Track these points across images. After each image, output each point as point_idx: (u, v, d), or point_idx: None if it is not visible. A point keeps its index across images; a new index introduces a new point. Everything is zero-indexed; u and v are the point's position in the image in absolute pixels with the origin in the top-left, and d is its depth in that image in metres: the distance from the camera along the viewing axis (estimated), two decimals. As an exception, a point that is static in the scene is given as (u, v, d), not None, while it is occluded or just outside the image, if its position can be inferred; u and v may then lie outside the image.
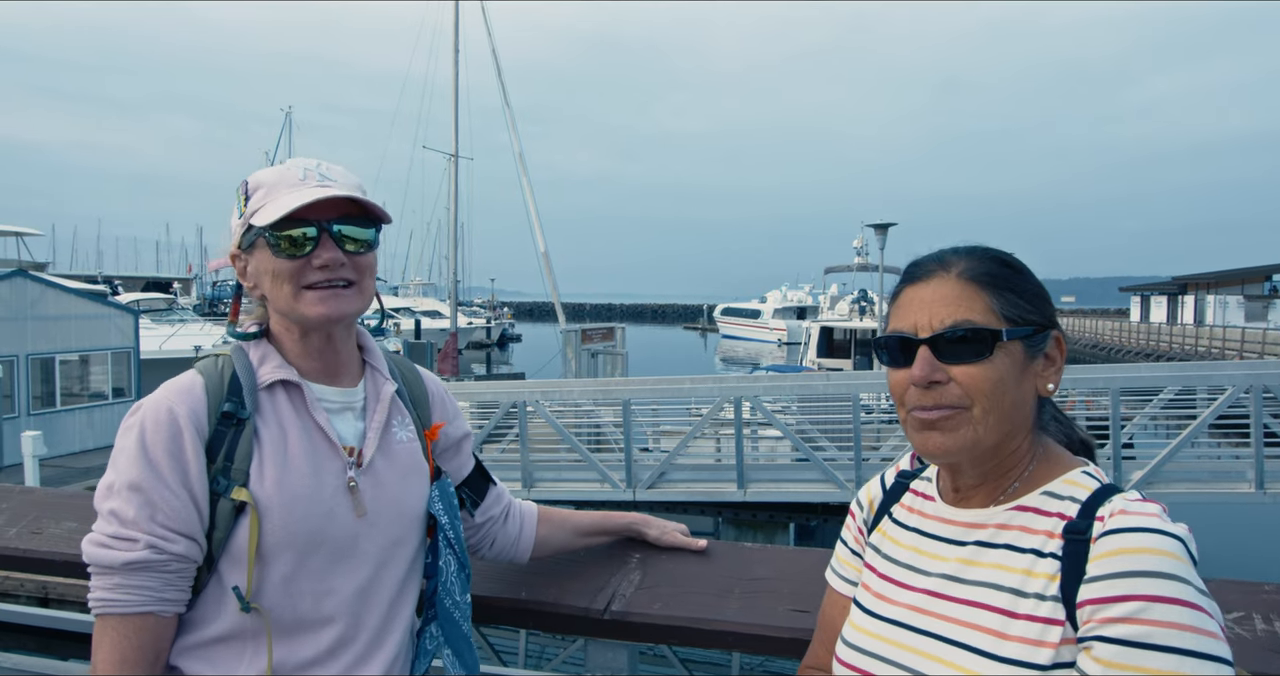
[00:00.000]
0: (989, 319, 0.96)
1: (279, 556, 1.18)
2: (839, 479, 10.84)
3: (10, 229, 31.70)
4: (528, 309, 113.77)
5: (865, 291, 29.00)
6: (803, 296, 60.58)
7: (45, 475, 12.02)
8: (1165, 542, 0.84)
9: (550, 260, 25.66)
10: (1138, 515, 0.87)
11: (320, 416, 1.25)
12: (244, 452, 1.18)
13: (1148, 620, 0.81)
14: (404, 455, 1.33)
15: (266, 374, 1.24)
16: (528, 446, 11.52)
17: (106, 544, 1.14)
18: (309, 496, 1.20)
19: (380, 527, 1.26)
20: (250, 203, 1.25)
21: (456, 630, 1.36)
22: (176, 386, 1.21)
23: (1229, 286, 41.33)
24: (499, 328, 57.85)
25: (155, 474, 1.14)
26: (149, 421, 1.16)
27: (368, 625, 1.25)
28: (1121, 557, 0.84)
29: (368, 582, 1.25)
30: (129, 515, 1.13)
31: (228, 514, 1.17)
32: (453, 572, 1.37)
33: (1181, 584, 0.82)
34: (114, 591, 1.13)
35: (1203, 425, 10.02)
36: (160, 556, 1.13)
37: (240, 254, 1.27)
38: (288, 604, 1.19)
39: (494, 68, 27.13)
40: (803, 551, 1.62)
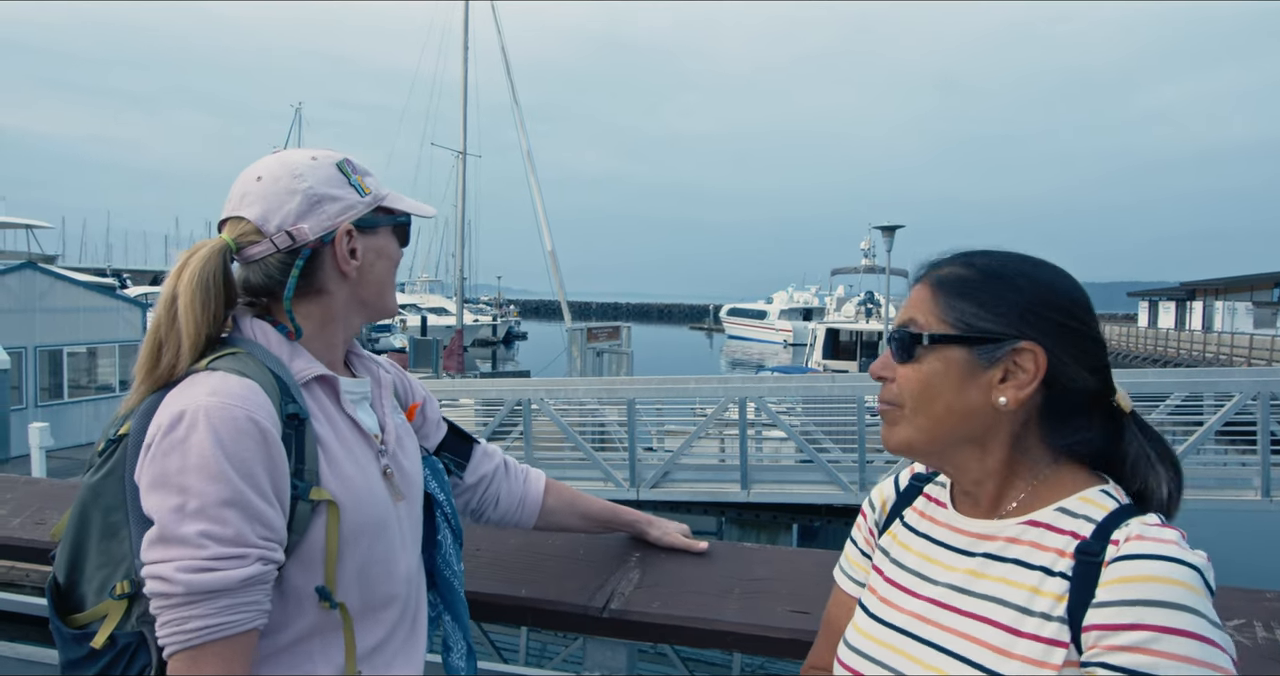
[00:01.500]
0: (929, 323, 0.97)
1: (352, 549, 1.18)
2: (843, 481, 10.84)
3: (20, 221, 31.90)
4: (534, 307, 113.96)
5: (871, 293, 28.99)
6: (809, 298, 60.59)
7: (52, 466, 12.07)
8: (1181, 572, 0.82)
9: (557, 258, 25.70)
10: (1155, 541, 0.84)
11: (350, 408, 1.26)
12: (311, 452, 1.16)
13: (1156, 651, 0.79)
14: (406, 438, 1.37)
15: (301, 369, 1.21)
16: (532, 444, 11.54)
17: (210, 567, 1.03)
18: (366, 486, 1.21)
19: (410, 507, 1.31)
20: (369, 182, 1.28)
21: (456, 597, 1.41)
22: (237, 392, 1.10)
23: (1237, 293, 41.16)
24: (505, 325, 57.97)
25: (249, 487, 1.06)
26: (226, 432, 1.06)
27: (413, 602, 1.30)
28: (1134, 585, 0.82)
29: (408, 559, 1.29)
30: (228, 534, 1.04)
31: (305, 516, 1.13)
32: (450, 544, 1.41)
33: (1194, 616, 0.79)
34: (223, 614, 1.03)
35: (1209, 431, 10.00)
36: (268, 567, 1.07)
37: (354, 230, 1.24)
38: (361, 592, 1.20)
39: (503, 66, 27.19)
40: (803, 552, 1.62)
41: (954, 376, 0.95)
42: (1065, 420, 0.95)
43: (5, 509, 1.92)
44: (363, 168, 1.29)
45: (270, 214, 1.20)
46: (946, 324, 0.96)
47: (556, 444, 12.08)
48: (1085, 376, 0.94)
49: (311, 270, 1.23)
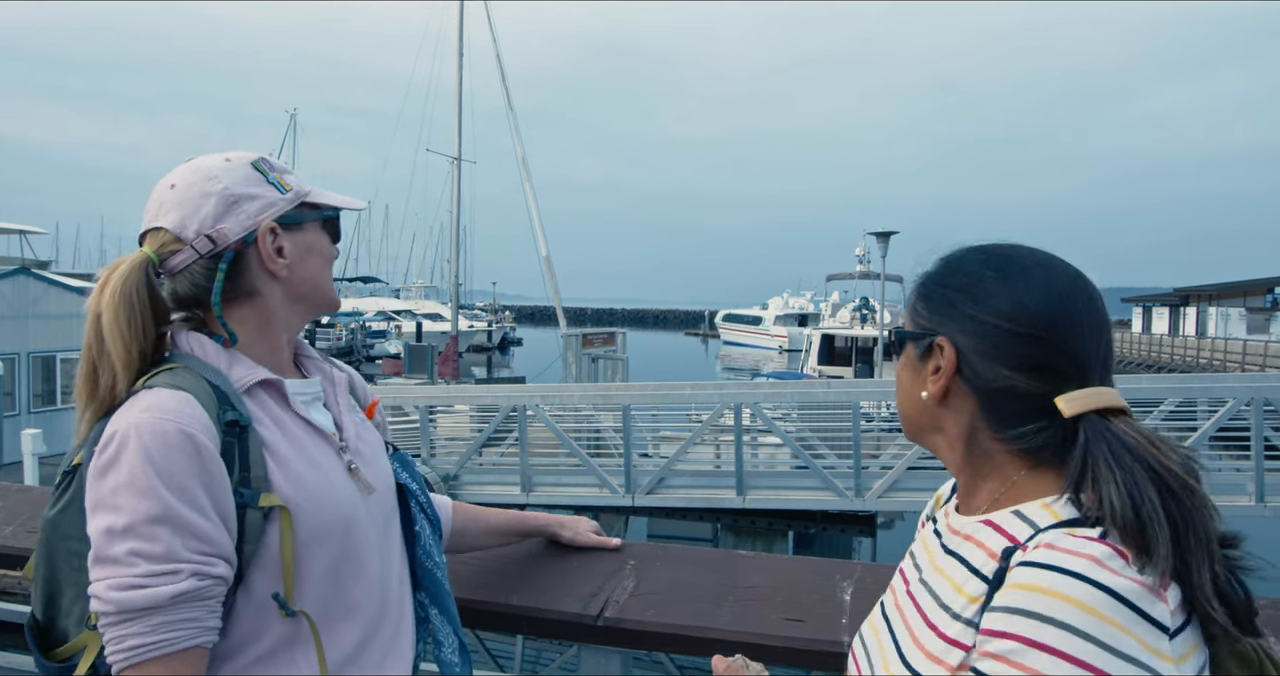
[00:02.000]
0: (908, 325, 1.02)
1: (314, 550, 1.16)
2: (838, 487, 10.84)
3: (13, 227, 31.79)
4: (529, 313, 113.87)
5: (867, 299, 29.04)
6: (804, 303, 60.69)
7: (45, 473, 12.02)
8: (1078, 589, 0.75)
9: (552, 264, 25.70)
10: (1063, 552, 0.78)
11: (301, 409, 1.24)
12: (257, 459, 1.13)
13: (1017, 664, 0.75)
14: (368, 433, 1.36)
15: (242, 376, 1.18)
16: (527, 450, 11.52)
17: (140, 584, 1.01)
18: (327, 485, 1.20)
19: (380, 502, 1.29)
20: (290, 180, 1.27)
21: (441, 588, 1.39)
22: (166, 405, 1.09)
23: (1231, 298, 41.32)
24: (500, 331, 57.93)
25: (180, 502, 1.04)
26: (155, 447, 1.05)
27: (393, 596, 1.28)
28: (1019, 592, 0.78)
29: (385, 556, 1.28)
30: (158, 550, 1.02)
31: (257, 524, 1.11)
32: (429, 535, 1.40)
33: (1075, 637, 0.74)
34: (157, 632, 1.02)
35: (1203, 437, 10.02)
36: (204, 582, 1.04)
37: (277, 227, 1.22)
38: (333, 593, 1.18)
39: (498, 72, 27.23)
40: (798, 560, 1.62)
41: (907, 371, 1.01)
42: (1006, 419, 0.92)
43: (-4, 517, 1.91)
44: (281, 165, 1.28)
45: (188, 219, 1.18)
46: (906, 322, 1.03)
47: (552, 450, 12.06)
48: (1005, 374, 0.90)
49: (238, 272, 1.20)
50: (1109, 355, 0.92)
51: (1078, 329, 0.90)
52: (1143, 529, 0.78)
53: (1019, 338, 0.90)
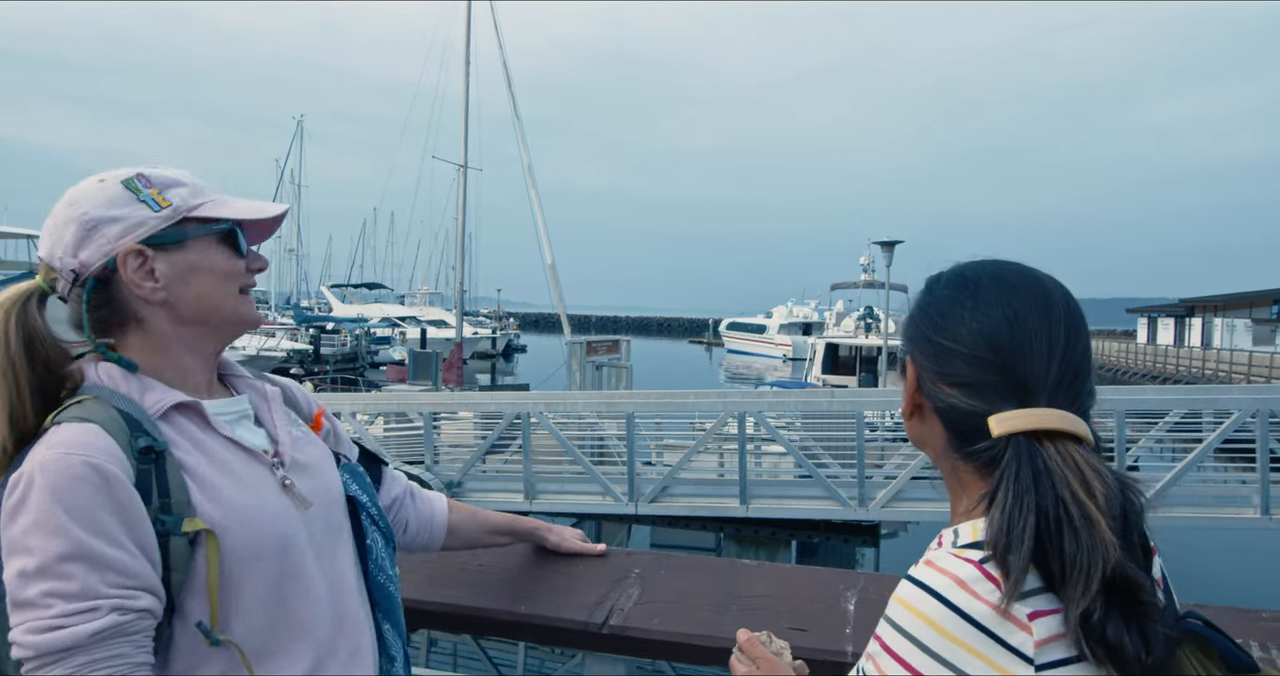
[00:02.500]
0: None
1: (250, 571, 1.13)
2: (842, 496, 10.82)
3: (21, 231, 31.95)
4: (533, 320, 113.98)
5: (871, 308, 29.03)
6: (808, 312, 60.65)
7: (49, 477, 12.04)
8: (929, 605, 0.81)
9: (557, 272, 25.74)
10: (933, 570, 0.84)
11: (225, 429, 1.20)
12: (177, 484, 1.10)
13: (875, 665, 0.84)
14: (309, 447, 1.33)
15: (155, 401, 1.14)
16: (530, 458, 11.52)
17: (57, 625, 0.98)
18: (258, 505, 1.16)
19: (321, 518, 1.26)
20: (173, 195, 1.19)
21: (392, 603, 1.36)
22: (72, 440, 1.05)
23: (1236, 309, 41.20)
24: (504, 338, 57.94)
25: (91, 536, 1.01)
26: (61, 485, 1.01)
27: (349, 612, 1.25)
28: (890, 601, 0.86)
29: (334, 571, 1.25)
30: (72, 589, 0.99)
31: (183, 550, 1.08)
32: (381, 548, 1.37)
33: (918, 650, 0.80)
34: (82, 670, 0.99)
35: (1208, 449, 9.98)
36: (127, 617, 1.01)
37: (142, 252, 1.16)
38: (278, 613, 1.15)
39: (505, 80, 27.33)
40: (801, 569, 1.63)
41: (903, 386, 1.03)
42: (964, 436, 0.93)
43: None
44: (170, 178, 1.20)
45: (54, 248, 1.16)
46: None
47: (555, 457, 12.05)
48: (945, 391, 0.93)
49: (111, 299, 1.17)
50: (1071, 374, 0.90)
51: (1024, 349, 0.89)
52: (1004, 555, 0.80)
53: (960, 357, 0.92)
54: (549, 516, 12.04)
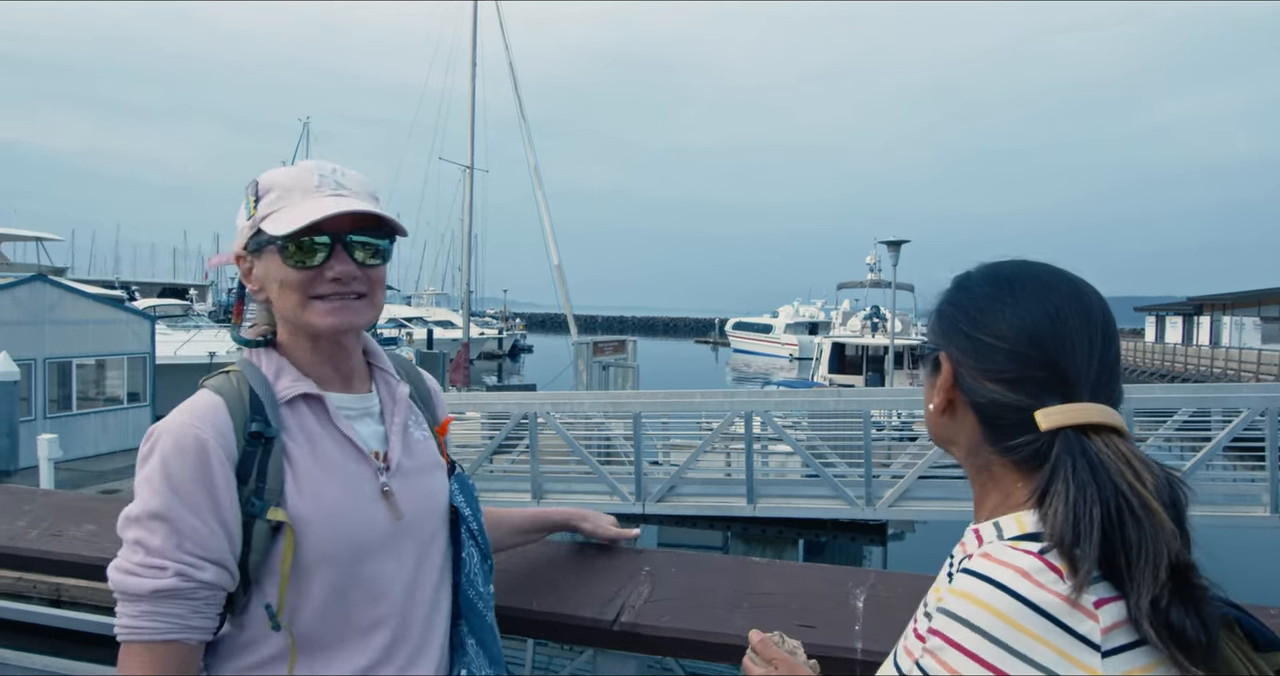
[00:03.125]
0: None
1: (323, 570, 1.17)
2: (849, 495, 10.81)
3: (30, 234, 32.11)
4: (540, 320, 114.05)
5: (878, 308, 28.97)
6: (815, 312, 60.60)
7: (60, 478, 12.12)
8: (996, 597, 0.80)
9: (563, 272, 25.76)
10: (994, 563, 0.83)
11: (344, 425, 1.24)
12: (276, 471, 1.16)
13: (940, 661, 0.83)
14: (424, 453, 1.34)
15: (285, 388, 1.22)
16: (538, 458, 11.54)
17: (133, 571, 1.11)
18: (347, 508, 1.20)
19: (415, 527, 1.27)
20: (261, 205, 1.21)
21: (481, 621, 1.36)
22: (196, 409, 1.16)
23: (1245, 307, 40.99)
24: (511, 339, 58.02)
25: (180, 502, 1.11)
26: (171, 449, 1.13)
27: (415, 624, 1.26)
28: (951, 596, 0.84)
29: (411, 583, 1.26)
30: (155, 544, 1.11)
31: (264, 535, 1.15)
32: (475, 564, 1.37)
33: (987, 642, 0.79)
34: (141, 619, 1.10)
35: (1217, 447, 9.96)
36: (189, 584, 1.10)
37: (246, 256, 1.25)
38: (339, 614, 1.19)
39: (510, 81, 27.37)
40: (811, 567, 1.63)
41: (927, 383, 1.04)
42: (1001, 431, 0.94)
43: (24, 520, 1.95)
44: (268, 183, 1.23)
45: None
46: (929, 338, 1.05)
47: (562, 457, 12.07)
48: (988, 387, 0.94)
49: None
50: (1107, 373, 0.92)
51: (1066, 345, 0.91)
52: (1073, 545, 0.80)
53: (1002, 352, 0.93)
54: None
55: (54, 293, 15.40)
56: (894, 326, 22.67)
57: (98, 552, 1.81)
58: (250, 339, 1.28)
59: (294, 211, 1.18)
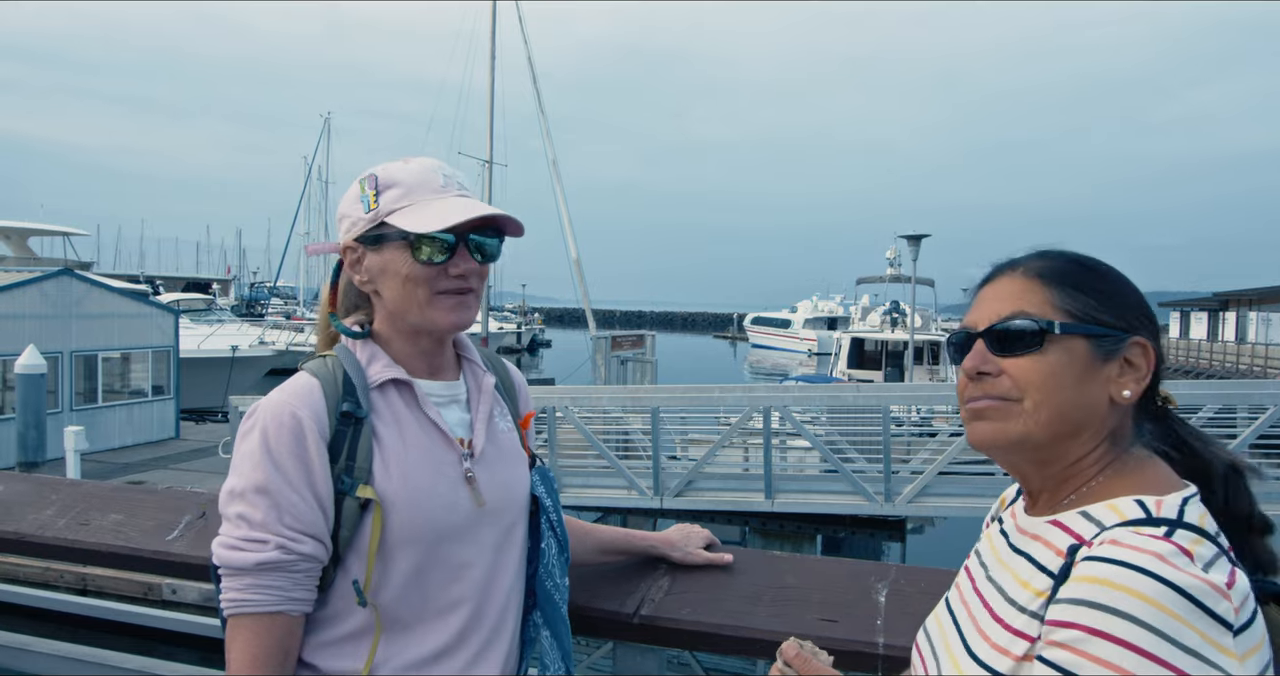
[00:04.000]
0: (1045, 311, 0.95)
1: (406, 549, 1.21)
2: (867, 491, 10.77)
3: (58, 229, 32.53)
4: (558, 315, 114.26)
5: (897, 302, 28.77)
6: (834, 307, 60.34)
7: (86, 469, 12.28)
8: (1143, 583, 0.78)
9: (582, 266, 25.78)
10: (1129, 549, 0.81)
11: (431, 411, 1.28)
12: (365, 451, 1.21)
13: (1081, 652, 0.78)
14: (508, 443, 1.38)
15: (377, 373, 1.26)
16: (556, 452, 11.57)
17: (238, 546, 1.16)
18: (431, 490, 1.23)
19: (496, 515, 1.30)
20: (384, 199, 1.25)
21: (556, 612, 1.39)
22: (294, 389, 1.23)
23: (1272, 303, 40.34)
24: (529, 333, 58.18)
25: (281, 477, 1.16)
26: (271, 425, 1.18)
27: (490, 611, 1.29)
28: (1085, 585, 0.81)
29: (490, 570, 1.29)
30: (257, 518, 1.16)
31: (354, 512, 1.19)
32: (554, 555, 1.40)
33: (1139, 628, 0.76)
34: (246, 592, 1.15)
35: (1243, 445, 9.82)
36: (289, 557, 1.15)
37: (358, 247, 1.28)
38: (417, 594, 1.22)
39: (529, 75, 27.38)
40: (833, 561, 1.62)
41: (1077, 368, 0.95)
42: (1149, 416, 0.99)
43: (51, 509, 1.97)
44: (392, 179, 1.27)
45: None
46: (1069, 315, 0.96)
47: (581, 452, 12.10)
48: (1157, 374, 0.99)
49: (349, 279, 1.33)
50: None
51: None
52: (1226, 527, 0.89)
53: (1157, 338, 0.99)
54: (575, 511, 12.10)
55: (80, 287, 15.60)
56: (914, 321, 22.51)
57: (123, 541, 1.83)
58: (350, 329, 1.33)
59: (428, 210, 1.23)
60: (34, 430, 13.60)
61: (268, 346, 25.30)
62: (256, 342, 25.22)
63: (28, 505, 1.99)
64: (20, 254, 29.73)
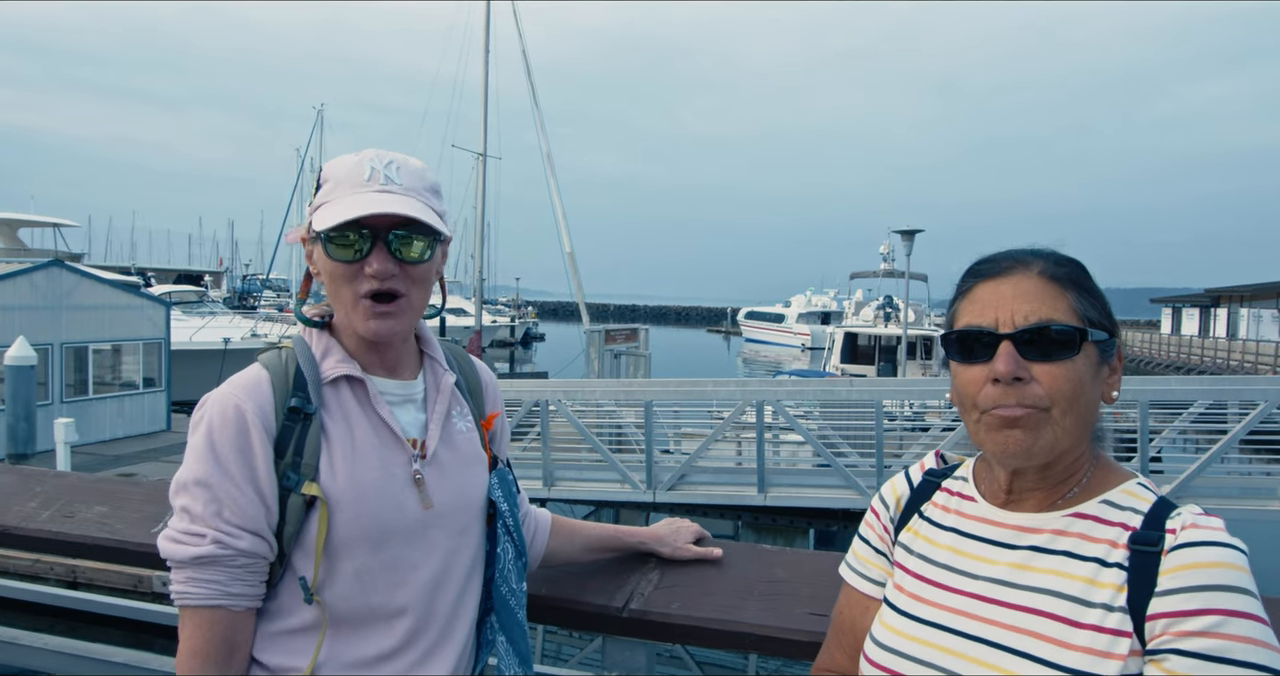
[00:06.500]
0: (1072, 318, 0.95)
1: (351, 548, 1.19)
2: (860, 485, 10.79)
3: (48, 220, 32.31)
4: (552, 308, 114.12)
5: (890, 297, 28.82)
6: (827, 301, 60.39)
7: (76, 462, 12.23)
8: (1236, 557, 0.86)
9: (576, 260, 25.73)
10: (1208, 529, 0.88)
11: (384, 410, 1.25)
12: (313, 447, 1.19)
13: (1225, 634, 0.82)
14: (465, 445, 1.34)
15: (330, 368, 1.24)
16: (549, 445, 11.56)
17: (178, 539, 1.16)
18: (378, 490, 1.21)
19: (447, 517, 1.28)
20: (319, 194, 1.23)
21: (512, 618, 1.36)
22: (242, 382, 1.21)
23: (1264, 300, 40.52)
24: (523, 326, 58.08)
25: (221, 471, 1.15)
26: (215, 418, 1.17)
27: (439, 614, 1.26)
28: (1197, 571, 0.85)
29: (439, 573, 1.26)
30: (197, 511, 1.15)
31: (298, 508, 1.18)
32: (510, 560, 1.37)
33: (1252, 599, 0.84)
34: (187, 584, 1.15)
35: (1233, 440, 9.86)
36: (226, 551, 1.14)
37: (308, 240, 1.27)
38: (361, 596, 1.20)
39: (524, 68, 27.28)
40: (822, 555, 1.62)
41: (1091, 374, 0.96)
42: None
43: (35, 501, 1.96)
44: (329, 173, 1.23)
45: None
46: (1087, 320, 0.96)
47: (574, 445, 12.10)
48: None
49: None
50: None
51: None
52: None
53: None
54: (567, 504, 12.11)
55: (71, 278, 15.50)
56: (907, 316, 22.54)
57: (108, 534, 1.81)
58: (309, 318, 1.31)
59: (338, 206, 1.19)
60: (24, 422, 13.52)
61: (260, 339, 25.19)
62: (249, 335, 25.10)
63: (12, 497, 1.97)
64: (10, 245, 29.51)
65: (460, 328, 38.36)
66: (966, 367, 0.98)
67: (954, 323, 1.02)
